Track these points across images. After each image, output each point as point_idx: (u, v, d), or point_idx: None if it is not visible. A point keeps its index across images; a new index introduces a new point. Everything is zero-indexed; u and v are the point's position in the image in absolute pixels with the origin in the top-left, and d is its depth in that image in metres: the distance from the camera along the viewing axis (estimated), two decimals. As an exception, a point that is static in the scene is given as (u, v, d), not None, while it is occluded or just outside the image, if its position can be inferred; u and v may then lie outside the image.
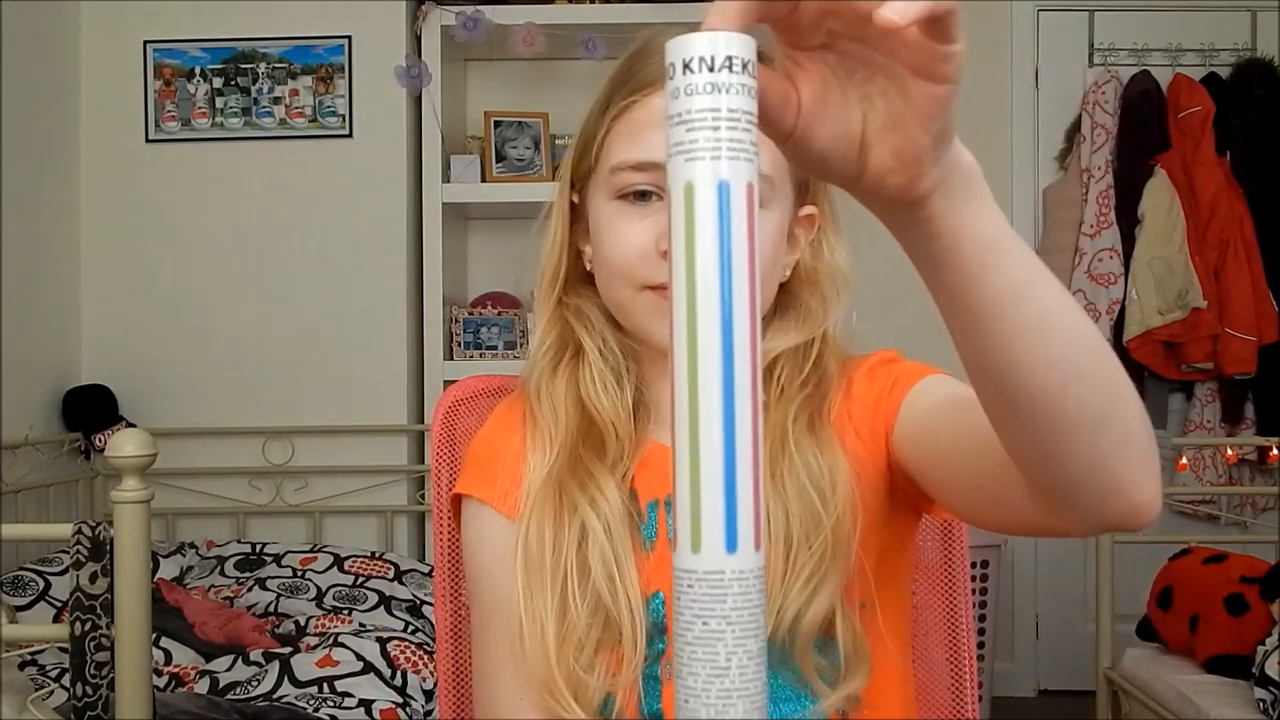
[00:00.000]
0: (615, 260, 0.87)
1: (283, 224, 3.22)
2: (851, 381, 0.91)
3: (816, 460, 0.85)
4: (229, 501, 3.18)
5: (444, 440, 1.04)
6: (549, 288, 0.92)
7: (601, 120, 0.88)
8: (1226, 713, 2.18)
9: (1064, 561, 3.59)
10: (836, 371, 0.91)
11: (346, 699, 2.07)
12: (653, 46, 0.88)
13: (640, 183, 0.85)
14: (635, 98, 0.86)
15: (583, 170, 0.91)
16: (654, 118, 0.85)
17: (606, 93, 0.89)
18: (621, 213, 0.86)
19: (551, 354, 0.92)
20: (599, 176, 0.89)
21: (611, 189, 0.87)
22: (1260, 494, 3.35)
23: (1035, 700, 3.57)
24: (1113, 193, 3.48)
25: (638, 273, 0.85)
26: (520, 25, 3.05)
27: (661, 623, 0.85)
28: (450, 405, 1.05)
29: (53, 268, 3.10)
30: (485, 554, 0.90)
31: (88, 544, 1.51)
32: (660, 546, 0.87)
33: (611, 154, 0.87)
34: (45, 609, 2.46)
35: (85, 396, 3.07)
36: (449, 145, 3.20)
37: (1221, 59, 3.56)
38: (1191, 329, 3.37)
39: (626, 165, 0.86)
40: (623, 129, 0.87)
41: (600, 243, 0.88)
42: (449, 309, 3.20)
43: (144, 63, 3.21)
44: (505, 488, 0.89)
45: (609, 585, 0.82)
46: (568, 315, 0.92)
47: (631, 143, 0.86)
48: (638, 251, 0.85)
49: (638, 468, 0.89)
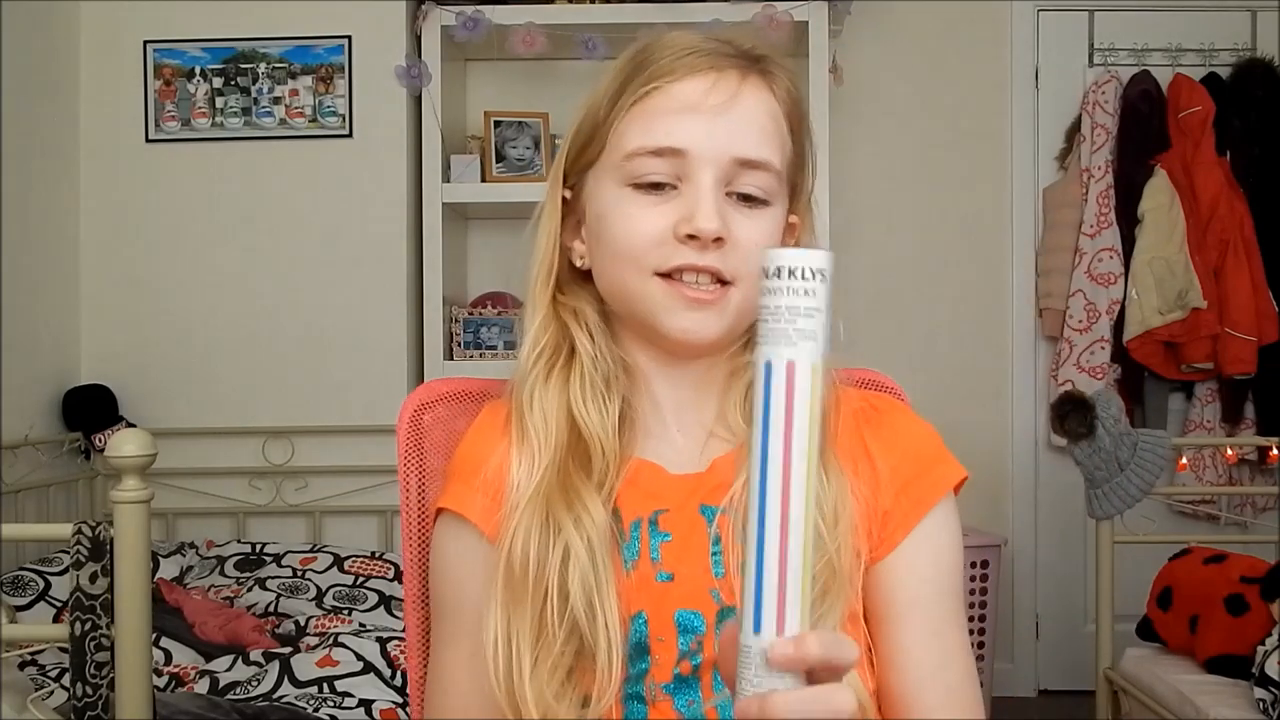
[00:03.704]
0: (627, 244, 0.85)
1: (283, 224, 3.22)
2: (862, 430, 0.90)
3: (821, 482, 0.84)
4: (229, 501, 3.18)
5: (411, 446, 1.00)
6: (544, 285, 0.90)
7: (615, 108, 0.87)
8: (1226, 713, 2.18)
9: (1064, 561, 3.59)
10: (832, 391, 0.89)
11: (346, 699, 2.07)
12: (665, 40, 0.88)
13: (656, 171, 0.84)
14: (656, 84, 0.85)
15: (584, 162, 0.90)
16: (674, 105, 0.84)
17: (619, 81, 0.88)
18: (633, 199, 0.85)
19: (547, 356, 0.89)
20: (606, 165, 0.87)
21: (624, 176, 0.86)
22: (1260, 494, 3.35)
23: (1035, 700, 3.57)
24: (1113, 193, 3.48)
25: (650, 258, 0.84)
26: (520, 25, 3.05)
27: (644, 643, 0.83)
28: (415, 409, 1.01)
29: (53, 268, 3.10)
30: (461, 571, 0.87)
31: (88, 544, 1.51)
32: (643, 566, 0.85)
33: (626, 140, 0.86)
34: (45, 609, 2.45)
35: (85, 396, 3.07)
36: (449, 145, 3.20)
37: (1221, 59, 3.56)
38: (1191, 329, 3.37)
39: (644, 151, 0.84)
40: (639, 115, 0.86)
41: (607, 229, 0.87)
42: (449, 309, 3.20)
43: (144, 63, 3.21)
44: (486, 505, 0.86)
45: (587, 610, 0.80)
46: (564, 315, 0.90)
47: (650, 129, 0.85)
48: (652, 236, 0.84)
49: (623, 485, 0.87)
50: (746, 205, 0.85)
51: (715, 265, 0.83)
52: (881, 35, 3.53)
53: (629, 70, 0.88)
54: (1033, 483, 3.62)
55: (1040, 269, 3.61)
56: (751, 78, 0.86)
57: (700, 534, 0.85)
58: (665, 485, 0.88)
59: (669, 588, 0.84)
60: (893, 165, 3.57)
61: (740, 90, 0.85)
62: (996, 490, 3.60)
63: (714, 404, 0.91)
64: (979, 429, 3.56)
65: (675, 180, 0.84)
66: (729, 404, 0.90)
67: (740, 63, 0.86)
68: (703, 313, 0.84)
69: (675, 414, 0.91)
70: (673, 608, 0.84)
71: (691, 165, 0.84)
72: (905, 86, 3.57)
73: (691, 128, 0.84)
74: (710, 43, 0.87)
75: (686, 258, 0.83)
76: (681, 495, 0.87)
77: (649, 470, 0.88)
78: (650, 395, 0.91)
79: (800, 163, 0.91)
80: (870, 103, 3.52)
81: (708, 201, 0.83)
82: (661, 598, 0.84)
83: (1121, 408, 2.67)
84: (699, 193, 0.83)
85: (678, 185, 0.85)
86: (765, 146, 0.85)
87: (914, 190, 3.58)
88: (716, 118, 0.84)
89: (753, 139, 0.85)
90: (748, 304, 0.85)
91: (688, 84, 0.85)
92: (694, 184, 0.84)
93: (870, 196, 3.54)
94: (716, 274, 0.84)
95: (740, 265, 0.84)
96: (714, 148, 0.84)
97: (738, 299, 0.85)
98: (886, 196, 3.57)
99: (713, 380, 0.91)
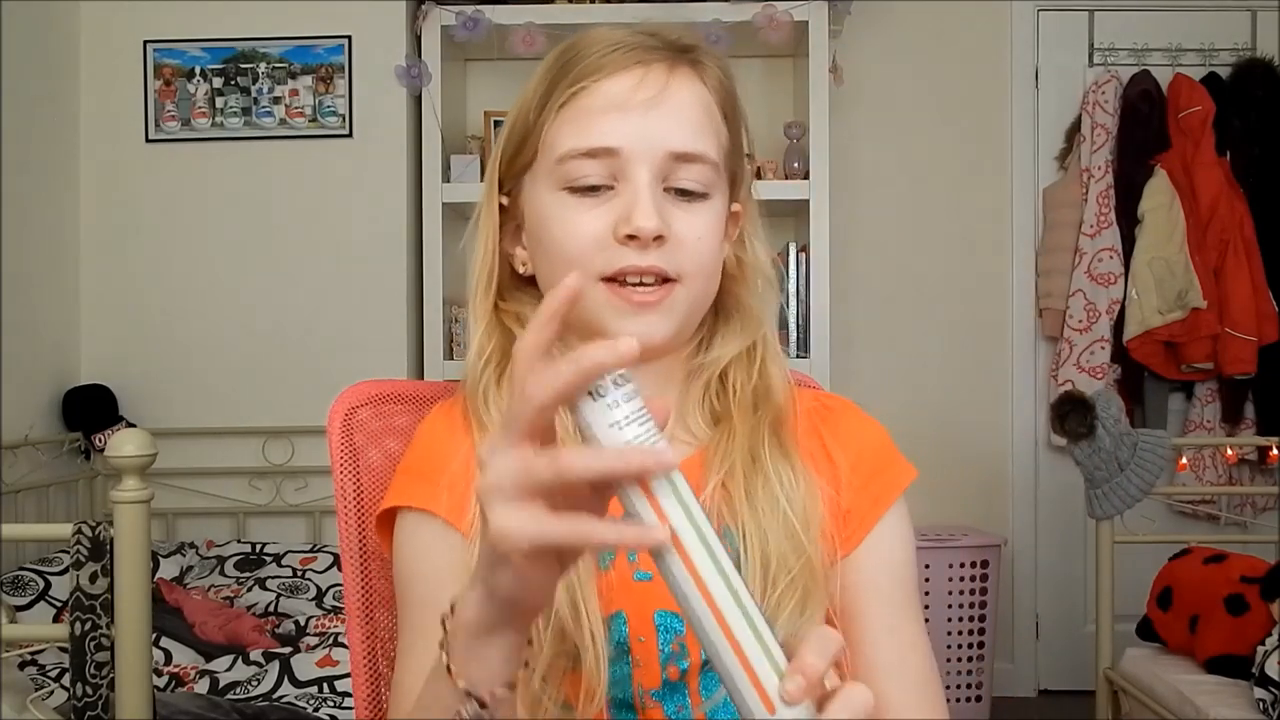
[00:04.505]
0: (567, 251, 0.83)
1: (283, 224, 3.22)
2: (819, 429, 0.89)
3: (790, 480, 0.84)
4: (229, 501, 3.18)
5: (345, 449, 0.97)
6: (484, 293, 0.89)
7: (544, 111, 0.85)
8: (1226, 713, 2.18)
9: (1064, 561, 3.59)
10: (786, 385, 0.89)
11: (346, 699, 2.07)
12: (589, 39, 0.87)
13: (590, 173, 0.83)
14: (583, 83, 0.84)
15: (517, 168, 0.88)
16: (603, 104, 0.83)
17: (545, 84, 0.86)
18: (570, 204, 0.84)
19: (495, 362, 0.88)
20: (541, 169, 0.86)
21: (559, 180, 0.84)
22: (1260, 494, 3.35)
23: (1035, 700, 3.57)
24: (1113, 193, 3.48)
25: (594, 262, 0.82)
26: (520, 25, 3.05)
27: (624, 644, 0.82)
28: (347, 412, 0.98)
29: (53, 268, 3.10)
30: (428, 567, 0.84)
31: (88, 544, 1.51)
32: (619, 565, 0.84)
33: (558, 143, 0.84)
34: (45, 609, 2.46)
35: (85, 396, 3.07)
36: (449, 145, 3.20)
37: (1221, 59, 3.56)
38: (1191, 329, 3.37)
39: (577, 153, 0.83)
40: (569, 117, 0.84)
41: (546, 235, 0.85)
42: (449, 309, 3.20)
43: (144, 63, 3.21)
44: (456, 499, 0.84)
45: (571, 610, 0.79)
46: (507, 321, 0.89)
47: (580, 130, 0.83)
48: (592, 240, 0.83)
49: None
50: (685, 200, 0.84)
51: (658, 265, 0.82)
52: (881, 35, 3.53)
53: (555, 71, 0.86)
54: (1033, 483, 3.62)
55: (1040, 269, 3.61)
56: (680, 69, 0.85)
57: None
58: None
59: (648, 587, 0.83)
60: (893, 165, 3.57)
61: (669, 83, 0.84)
62: (996, 490, 3.60)
63: (672, 405, 0.91)
64: (979, 429, 3.56)
65: (611, 180, 0.83)
66: (688, 406, 0.89)
67: (667, 55, 0.85)
68: (649, 316, 0.83)
69: None
70: (653, 607, 0.83)
71: (626, 164, 0.82)
72: (905, 86, 3.57)
73: (622, 125, 0.82)
74: (636, 36, 0.86)
75: (629, 259, 0.82)
76: None
77: None
78: None
79: (737, 151, 0.89)
80: (870, 103, 3.52)
81: (645, 200, 0.81)
82: (641, 597, 0.83)
83: (1121, 408, 2.67)
84: (635, 191, 0.82)
85: (614, 185, 0.83)
86: (699, 138, 0.84)
87: (914, 190, 3.58)
88: (647, 113, 0.82)
89: (686, 131, 0.83)
90: (695, 300, 0.85)
91: (615, 81, 0.83)
92: (630, 182, 0.82)
93: (870, 196, 3.54)
94: (660, 273, 0.82)
95: (685, 261, 0.83)
96: (647, 144, 0.82)
97: (684, 296, 0.84)
98: (886, 196, 3.56)
99: (669, 380, 0.90)
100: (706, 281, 0.86)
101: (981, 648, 3.21)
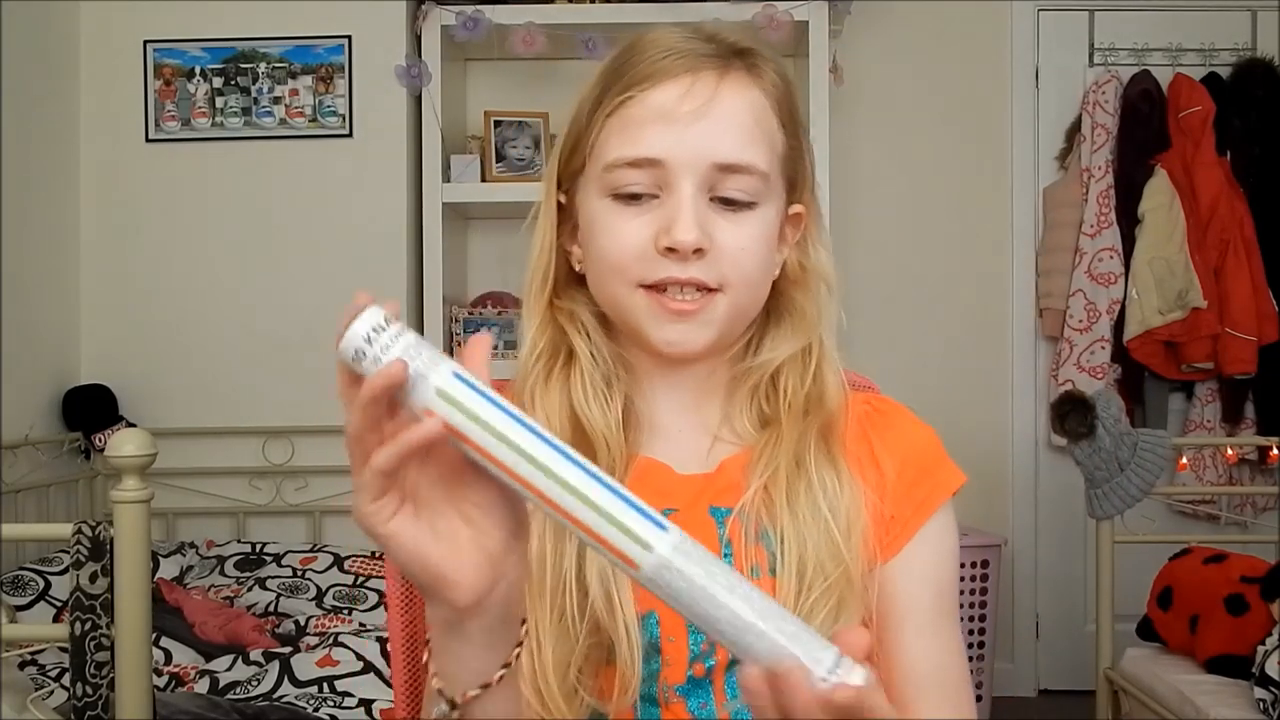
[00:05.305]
0: (611, 258, 0.85)
1: (283, 224, 3.22)
2: (869, 433, 0.89)
3: (834, 487, 0.84)
4: (229, 501, 3.18)
5: None
6: (539, 290, 0.90)
7: (594, 118, 0.86)
8: (1226, 713, 2.18)
9: (1064, 561, 3.59)
10: (840, 391, 0.89)
11: (346, 699, 2.07)
12: (644, 43, 0.86)
13: (635, 182, 0.84)
14: (631, 93, 0.84)
15: (572, 169, 0.89)
16: (649, 114, 0.83)
17: (598, 90, 0.87)
18: (615, 211, 0.85)
19: (545, 359, 0.89)
20: (590, 175, 0.86)
21: (605, 187, 0.85)
22: (1260, 494, 3.35)
23: (1035, 700, 3.57)
24: (1113, 193, 3.48)
25: (633, 271, 0.84)
26: (520, 25, 3.05)
27: (656, 642, 0.83)
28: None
29: (53, 268, 3.10)
30: None
31: (88, 544, 1.51)
32: None
33: (605, 151, 0.85)
34: (45, 609, 2.46)
35: (85, 396, 3.07)
36: (449, 145, 3.20)
37: (1221, 59, 3.56)
38: (1191, 329, 3.37)
39: (622, 162, 0.83)
40: (616, 126, 0.84)
41: (594, 241, 0.86)
42: (449, 309, 3.20)
43: (144, 62, 3.21)
44: None
45: (606, 605, 0.80)
46: (560, 318, 0.90)
47: (626, 140, 0.84)
48: (633, 249, 0.83)
49: (630, 483, 0.87)
50: (731, 209, 0.84)
51: (698, 277, 0.82)
52: (881, 35, 3.53)
53: (608, 76, 0.86)
54: (1033, 483, 3.62)
55: (1040, 269, 3.61)
56: (732, 74, 0.85)
57: (711, 536, 0.84)
58: (673, 485, 0.87)
59: None
60: (893, 165, 3.57)
61: (718, 91, 0.83)
62: (996, 490, 3.59)
63: (717, 407, 0.91)
64: (979, 429, 3.55)
65: (656, 190, 0.83)
66: (734, 409, 0.90)
67: (719, 61, 0.85)
68: (686, 324, 0.83)
69: (678, 415, 0.90)
70: None
71: (670, 174, 0.83)
72: (905, 86, 3.57)
73: (667, 136, 0.82)
74: (689, 41, 0.85)
75: (669, 271, 0.82)
76: (690, 495, 0.87)
77: (656, 469, 0.88)
78: (653, 395, 0.90)
79: (795, 154, 0.89)
80: (870, 103, 3.52)
81: (686, 213, 0.82)
82: None
83: (1121, 408, 2.67)
84: (678, 203, 0.82)
85: (659, 194, 0.83)
86: (747, 148, 0.84)
87: (914, 190, 3.58)
88: (693, 124, 0.82)
89: (732, 141, 0.83)
90: (737, 309, 0.85)
91: (662, 90, 0.83)
92: (674, 193, 0.83)
93: (870, 196, 3.54)
94: (701, 284, 0.83)
95: (727, 271, 0.83)
96: (691, 155, 0.82)
97: (724, 305, 0.84)
98: (886, 196, 3.56)
99: (714, 385, 0.90)
100: (751, 290, 0.86)
101: (982, 647, 3.21)
